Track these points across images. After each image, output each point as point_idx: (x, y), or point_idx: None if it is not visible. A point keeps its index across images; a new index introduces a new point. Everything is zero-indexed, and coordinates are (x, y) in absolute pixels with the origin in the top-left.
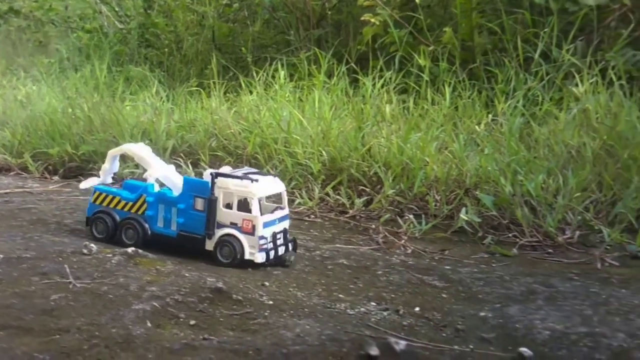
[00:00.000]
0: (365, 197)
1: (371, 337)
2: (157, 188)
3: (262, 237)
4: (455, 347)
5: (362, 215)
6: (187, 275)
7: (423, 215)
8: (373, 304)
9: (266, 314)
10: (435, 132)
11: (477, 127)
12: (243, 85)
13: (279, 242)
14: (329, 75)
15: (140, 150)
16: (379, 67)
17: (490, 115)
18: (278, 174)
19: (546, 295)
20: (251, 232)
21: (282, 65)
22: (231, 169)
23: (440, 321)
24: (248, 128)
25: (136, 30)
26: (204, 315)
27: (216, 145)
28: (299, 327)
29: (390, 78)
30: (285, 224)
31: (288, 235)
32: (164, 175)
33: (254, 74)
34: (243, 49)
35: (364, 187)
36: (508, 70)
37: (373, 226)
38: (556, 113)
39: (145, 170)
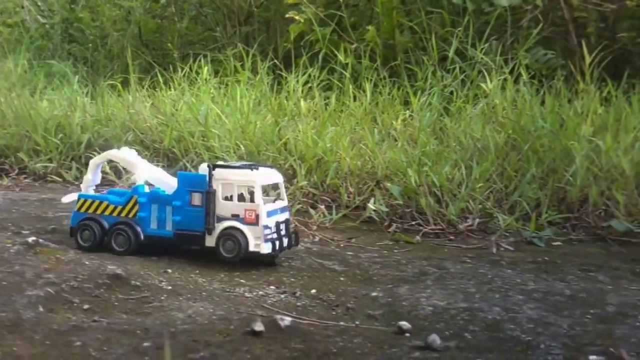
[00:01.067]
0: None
1: (261, 316)
2: (147, 189)
3: (266, 227)
4: (342, 323)
5: None
6: (87, 263)
7: (334, 206)
8: (272, 287)
9: (162, 298)
10: (351, 127)
11: (394, 122)
12: (163, 80)
13: (282, 232)
14: (257, 72)
15: (125, 154)
16: (301, 63)
17: (407, 111)
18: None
19: (436, 276)
20: (255, 222)
21: (208, 61)
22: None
23: (334, 301)
24: (165, 122)
25: (59, 25)
26: (99, 300)
27: (132, 139)
28: (192, 309)
29: (315, 75)
30: (286, 215)
31: (290, 227)
32: (153, 176)
33: (179, 70)
34: (169, 44)
35: None
36: (427, 68)
37: None
38: (469, 108)
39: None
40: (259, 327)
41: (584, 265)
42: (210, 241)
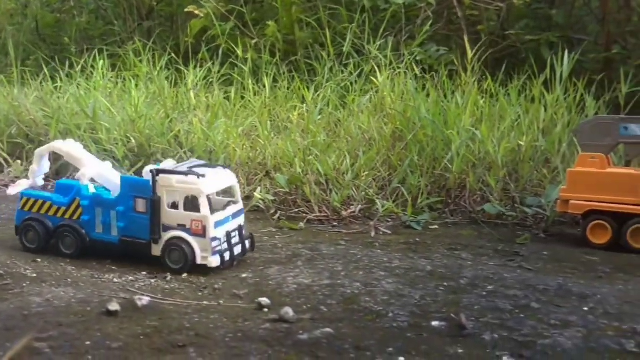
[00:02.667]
0: None
1: (123, 298)
2: (92, 189)
3: (214, 239)
4: (205, 302)
5: None
6: None
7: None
8: (144, 273)
9: (24, 285)
10: (244, 120)
11: (290, 115)
12: (61, 75)
13: (234, 240)
14: (161, 67)
15: (70, 148)
16: (201, 58)
17: (304, 105)
18: (228, 165)
19: (308, 257)
20: (202, 233)
21: (106, 56)
22: (175, 162)
23: (203, 284)
24: (50, 115)
25: None
26: None
27: (16, 133)
28: (52, 294)
29: (217, 70)
30: (240, 219)
31: (244, 232)
32: (99, 173)
33: (75, 64)
34: (66, 38)
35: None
36: (325, 63)
37: None
38: (364, 101)
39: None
40: (113, 307)
41: (452, 245)
42: (156, 250)
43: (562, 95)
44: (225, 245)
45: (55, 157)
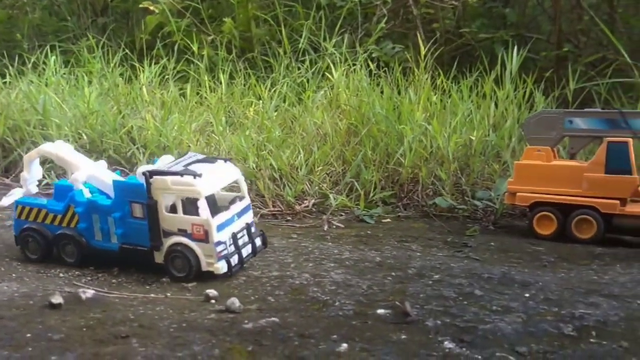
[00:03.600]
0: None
1: (67, 292)
2: (87, 194)
3: (219, 243)
4: (152, 295)
5: None
6: None
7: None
8: (91, 267)
9: None
10: (198, 116)
11: (247, 111)
12: (12, 71)
13: (241, 241)
14: (115, 64)
15: (59, 150)
16: (156, 54)
17: (261, 101)
18: (230, 158)
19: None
20: (204, 238)
21: (59, 52)
22: (173, 158)
23: (151, 278)
24: None
25: None
26: None
27: None
28: None
29: (173, 67)
30: (248, 217)
31: (254, 230)
32: (92, 176)
33: (27, 61)
34: (19, 35)
35: (123, 168)
36: (282, 59)
37: None
38: (320, 98)
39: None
40: (56, 299)
41: (403, 237)
42: (159, 258)
43: (512, 91)
44: (232, 248)
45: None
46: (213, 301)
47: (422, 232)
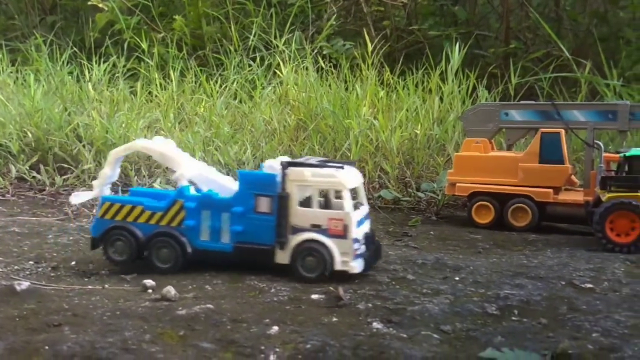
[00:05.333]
0: (71, 175)
1: (4, 285)
2: (192, 191)
3: (356, 240)
4: (89, 286)
5: (64, 192)
6: None
7: (120, 188)
8: (31, 262)
9: None
10: (151, 113)
11: (197, 108)
12: None
13: (369, 245)
14: (63, 62)
15: (161, 146)
16: (103, 52)
17: (211, 99)
18: (354, 162)
19: None
20: (342, 234)
21: (6, 51)
22: (276, 162)
23: (90, 270)
24: None
25: None
26: None
27: None
28: None
29: (123, 65)
30: (369, 223)
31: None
32: (199, 173)
33: None
34: None
35: (69, 165)
36: (234, 57)
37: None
38: (268, 94)
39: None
40: None
41: None
42: (282, 257)
43: (457, 86)
44: (363, 249)
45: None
46: (150, 291)
47: None
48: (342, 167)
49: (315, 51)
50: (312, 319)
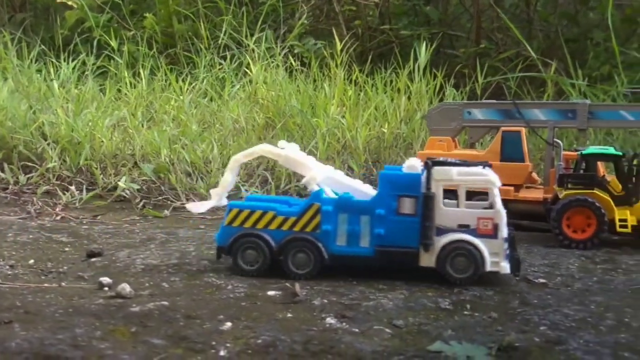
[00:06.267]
0: (35, 173)
1: None
2: (329, 193)
3: (505, 240)
4: (46, 284)
5: (27, 190)
6: None
7: (85, 187)
8: None
9: None
10: (119, 111)
11: (167, 106)
12: None
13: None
14: (35, 60)
15: (286, 150)
16: (72, 50)
17: (181, 97)
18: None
19: (162, 241)
20: (492, 234)
21: None
22: (419, 161)
23: (49, 269)
24: None
25: None
26: None
27: None
28: None
29: (93, 63)
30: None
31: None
32: (328, 177)
33: None
34: None
35: (33, 164)
36: (205, 55)
37: (34, 199)
38: (238, 93)
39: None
40: None
41: None
42: (427, 260)
43: (425, 85)
44: (509, 251)
45: None
46: (106, 288)
47: None
48: (489, 165)
49: (287, 50)
50: (266, 315)
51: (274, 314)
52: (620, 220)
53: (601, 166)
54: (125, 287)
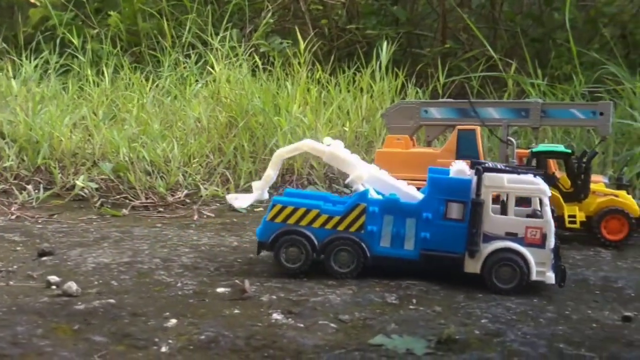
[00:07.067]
0: None
1: None
2: (373, 194)
3: (552, 250)
4: None
5: None
6: None
7: (42, 186)
8: None
9: None
10: (80, 110)
11: (129, 105)
12: None
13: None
14: None
15: (331, 147)
16: (34, 47)
17: (146, 95)
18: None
19: (116, 239)
20: (540, 243)
21: None
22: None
23: None
24: None
25: None
26: None
27: None
28: None
29: (56, 61)
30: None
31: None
32: (374, 176)
33: None
34: None
35: None
36: (170, 54)
37: None
38: (201, 91)
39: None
40: None
41: None
42: (472, 266)
43: (387, 84)
44: (554, 260)
45: None
46: (54, 287)
47: None
48: (541, 174)
49: (252, 49)
50: (213, 312)
51: (221, 311)
52: (570, 216)
53: (552, 163)
54: (72, 286)
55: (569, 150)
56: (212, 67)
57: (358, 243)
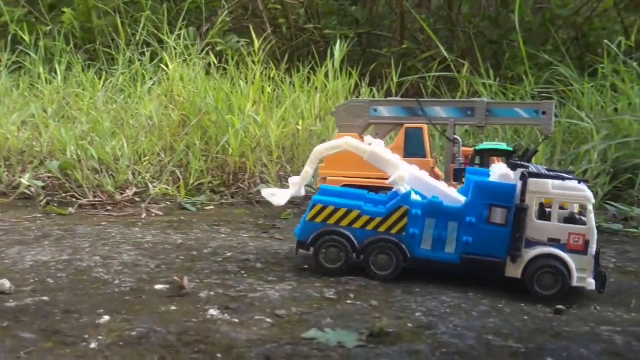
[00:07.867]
0: None
1: None
2: (413, 195)
3: (594, 256)
4: None
5: None
6: None
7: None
8: None
9: None
10: (27, 108)
11: (80, 102)
12: None
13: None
14: None
15: (374, 147)
16: None
17: (99, 93)
18: (585, 180)
19: (57, 237)
20: (582, 249)
21: None
22: (505, 166)
23: None
24: None
25: None
26: None
27: None
28: None
29: (8, 58)
30: None
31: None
32: (416, 177)
33: None
34: None
35: None
36: (125, 51)
37: None
38: (153, 89)
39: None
40: None
41: (215, 222)
42: (513, 271)
43: (340, 84)
44: (593, 267)
45: None
46: None
47: (238, 217)
48: (586, 180)
49: (209, 47)
50: (148, 308)
51: (156, 307)
52: None
53: (496, 161)
54: (5, 283)
55: (511, 148)
56: (167, 65)
57: (399, 245)
